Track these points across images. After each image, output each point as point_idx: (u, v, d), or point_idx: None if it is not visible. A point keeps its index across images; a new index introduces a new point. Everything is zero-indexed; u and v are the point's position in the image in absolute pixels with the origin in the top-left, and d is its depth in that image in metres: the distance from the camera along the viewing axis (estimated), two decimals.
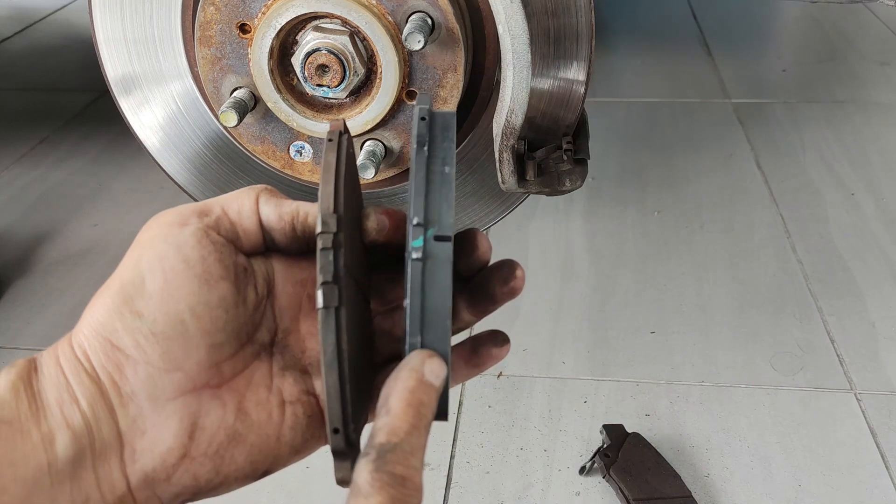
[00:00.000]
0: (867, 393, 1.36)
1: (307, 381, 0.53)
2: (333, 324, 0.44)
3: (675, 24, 3.03)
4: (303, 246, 0.52)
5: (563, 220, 1.84)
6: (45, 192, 2.03)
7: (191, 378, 0.48)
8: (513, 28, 0.88)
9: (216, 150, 1.13)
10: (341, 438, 0.45)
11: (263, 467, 0.51)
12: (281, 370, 0.53)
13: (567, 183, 0.99)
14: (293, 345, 0.54)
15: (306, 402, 0.52)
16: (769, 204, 1.88)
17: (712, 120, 2.29)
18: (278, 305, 0.53)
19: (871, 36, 2.85)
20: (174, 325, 0.47)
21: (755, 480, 1.21)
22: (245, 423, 0.50)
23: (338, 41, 0.91)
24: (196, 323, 0.48)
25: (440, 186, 0.48)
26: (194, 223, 0.50)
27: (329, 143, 0.51)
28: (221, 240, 0.50)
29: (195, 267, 0.48)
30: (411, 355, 0.46)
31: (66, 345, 0.48)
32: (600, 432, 1.25)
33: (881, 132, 2.20)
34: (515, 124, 0.94)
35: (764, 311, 1.55)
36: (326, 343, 0.44)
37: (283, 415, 0.51)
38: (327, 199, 0.47)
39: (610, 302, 1.59)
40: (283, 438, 0.51)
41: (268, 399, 0.51)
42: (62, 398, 0.46)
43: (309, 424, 0.52)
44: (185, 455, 0.48)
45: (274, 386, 0.52)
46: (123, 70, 1.08)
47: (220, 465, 0.49)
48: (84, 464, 0.46)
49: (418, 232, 0.46)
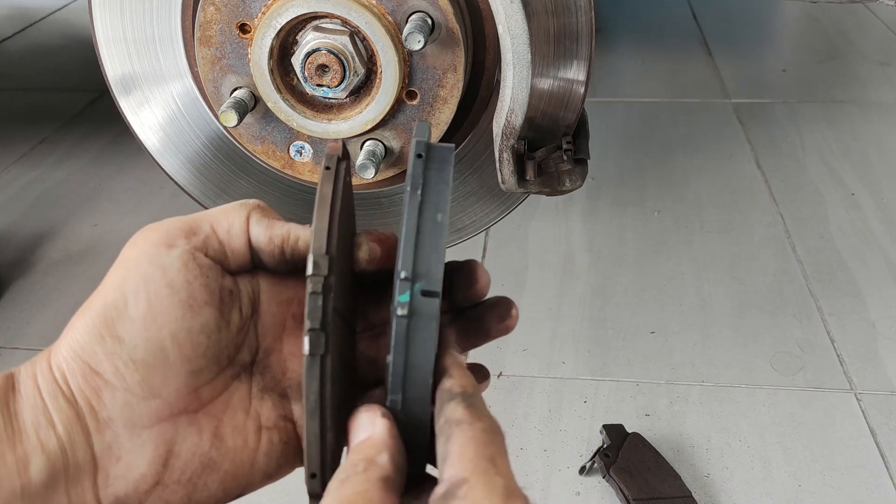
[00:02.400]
0: (867, 393, 1.36)
1: (286, 405, 0.52)
2: (318, 372, 0.44)
3: (675, 24, 3.03)
4: (290, 268, 0.51)
5: (563, 220, 1.84)
6: (45, 192, 2.03)
7: (169, 405, 0.48)
8: (513, 28, 0.88)
9: (216, 150, 1.13)
10: (318, 483, 0.45)
11: (236, 493, 0.51)
12: (260, 392, 0.52)
13: (567, 183, 0.99)
14: (274, 365, 0.53)
15: (283, 428, 0.52)
16: (769, 204, 1.88)
17: (712, 120, 2.29)
18: (262, 324, 0.52)
19: (871, 36, 2.85)
20: (154, 353, 0.46)
21: (755, 480, 1.21)
22: (220, 451, 0.49)
23: (338, 41, 0.91)
24: (177, 350, 0.47)
25: (431, 237, 0.46)
26: (181, 245, 0.48)
27: (326, 172, 0.50)
28: (208, 262, 0.49)
29: (180, 293, 0.47)
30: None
31: (44, 364, 0.47)
32: (600, 432, 1.25)
33: (881, 132, 2.20)
34: (515, 124, 0.94)
35: (764, 311, 1.55)
36: (310, 391, 0.44)
37: (259, 441, 0.51)
38: (320, 237, 0.46)
39: (610, 302, 1.59)
40: (257, 465, 0.51)
41: (245, 424, 0.51)
42: (38, 421, 0.46)
43: (284, 451, 0.52)
44: (159, 482, 0.48)
45: (252, 409, 0.51)
46: (123, 70, 1.08)
47: (193, 492, 0.49)
48: (57, 487, 0.45)
49: (405, 286, 0.45)
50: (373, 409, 0.46)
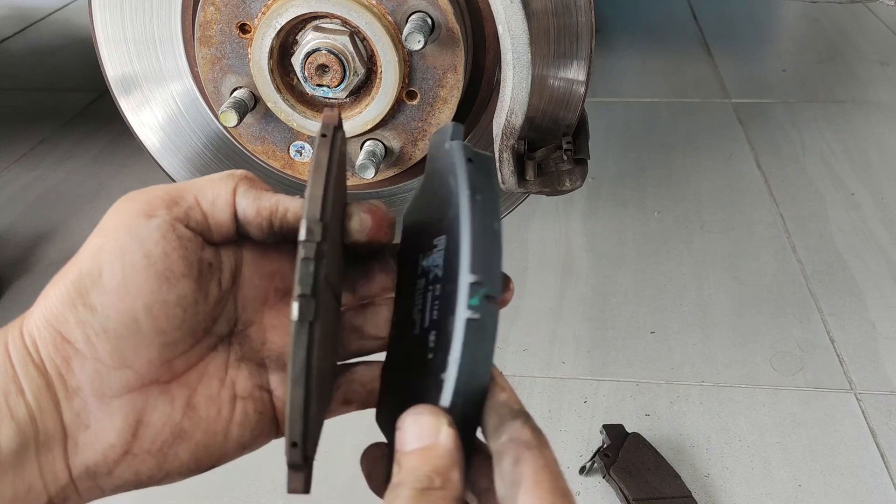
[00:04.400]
0: (867, 393, 1.36)
1: (262, 375, 0.52)
2: (306, 339, 0.43)
3: (675, 24, 3.03)
4: (278, 239, 0.51)
5: (563, 220, 1.84)
6: (45, 192, 2.03)
7: (140, 376, 0.47)
8: (513, 28, 0.88)
9: (216, 150, 1.13)
10: (298, 453, 0.44)
11: (208, 464, 0.50)
12: (237, 361, 0.51)
13: (567, 183, 0.99)
14: (253, 336, 0.53)
15: (258, 398, 0.51)
16: (769, 204, 1.88)
17: (712, 120, 2.29)
18: (242, 296, 0.52)
19: (871, 36, 2.85)
20: (127, 324, 0.46)
21: (755, 480, 1.21)
22: (192, 421, 0.49)
23: (338, 41, 0.91)
24: (151, 321, 0.46)
25: (492, 244, 0.45)
26: (161, 215, 0.48)
27: (322, 140, 0.49)
28: (189, 234, 0.48)
29: (156, 264, 0.46)
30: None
31: (16, 332, 0.47)
32: (600, 432, 1.25)
33: (881, 132, 2.20)
34: (515, 124, 0.94)
35: (764, 311, 1.55)
36: (296, 358, 0.43)
37: (234, 411, 0.50)
38: (315, 203, 0.45)
39: (610, 302, 1.59)
40: (231, 435, 0.50)
41: (219, 394, 0.50)
42: (8, 389, 0.45)
43: (259, 422, 0.51)
44: (128, 452, 0.47)
45: (227, 379, 0.51)
46: (123, 70, 1.08)
47: (163, 461, 0.49)
48: (27, 455, 0.45)
49: (476, 290, 0.44)
50: (436, 413, 0.43)
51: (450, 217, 0.47)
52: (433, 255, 0.49)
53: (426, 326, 0.47)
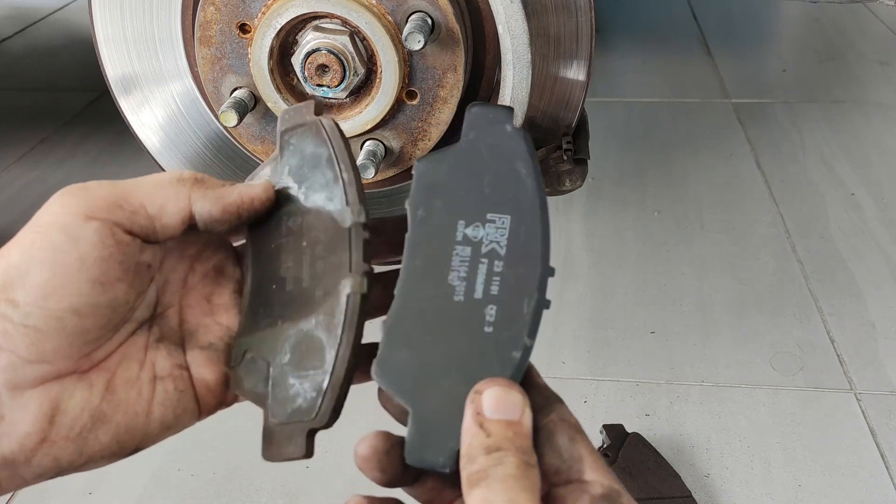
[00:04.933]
0: (867, 393, 1.36)
1: (180, 354, 0.53)
2: (359, 310, 0.49)
3: (675, 24, 3.03)
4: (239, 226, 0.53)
5: (563, 220, 1.84)
6: (45, 192, 2.01)
7: (56, 369, 0.47)
8: (513, 28, 0.88)
9: (216, 150, 1.13)
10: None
11: (132, 445, 0.50)
12: (156, 342, 0.52)
13: (567, 183, 0.99)
14: (172, 317, 0.53)
15: (178, 377, 0.52)
16: (769, 204, 1.88)
17: (712, 120, 2.29)
18: (164, 281, 0.53)
19: (871, 36, 2.85)
20: (50, 322, 0.45)
21: (755, 480, 1.21)
22: (111, 403, 0.49)
23: (338, 41, 0.91)
24: (77, 321, 0.46)
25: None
26: (102, 218, 0.47)
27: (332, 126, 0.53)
28: (128, 238, 0.48)
29: (91, 269, 0.46)
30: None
31: None
32: (600, 432, 1.25)
33: (881, 132, 2.20)
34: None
35: (764, 311, 1.55)
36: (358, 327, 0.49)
37: (154, 391, 0.51)
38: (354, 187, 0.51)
39: (610, 302, 1.59)
40: (153, 415, 0.51)
41: (139, 375, 0.50)
42: None
43: (180, 400, 0.52)
44: (45, 440, 0.47)
45: (147, 360, 0.51)
46: (123, 70, 1.08)
47: (83, 446, 0.48)
48: None
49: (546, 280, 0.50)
50: (522, 393, 0.46)
51: (517, 201, 0.51)
52: (487, 229, 0.50)
53: (478, 298, 0.49)
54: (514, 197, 0.51)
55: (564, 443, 0.46)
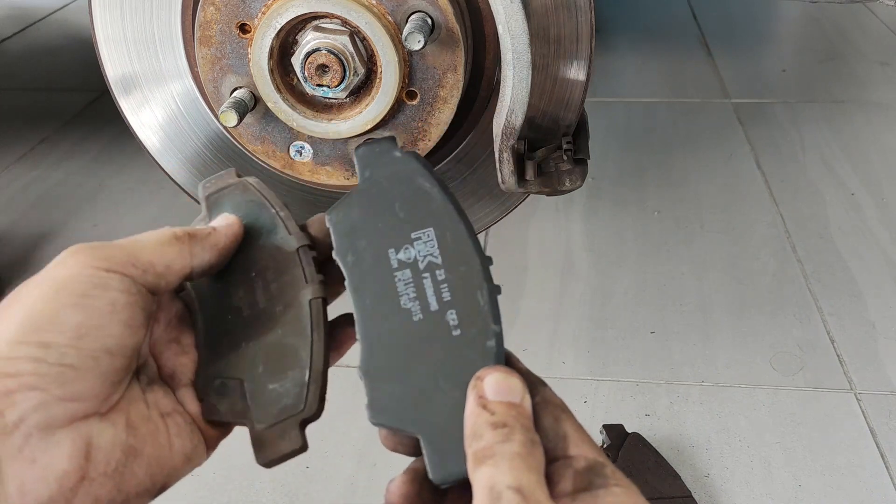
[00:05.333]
0: (867, 393, 1.36)
1: (171, 395, 0.55)
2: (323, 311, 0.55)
3: (675, 24, 3.03)
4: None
5: (563, 220, 1.84)
6: (45, 192, 2.03)
7: (84, 408, 0.48)
8: (513, 28, 0.88)
9: (216, 150, 1.13)
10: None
11: (161, 480, 0.51)
12: (148, 386, 0.54)
13: (567, 183, 0.99)
14: (150, 364, 0.56)
15: (181, 412, 0.54)
16: (769, 204, 1.88)
17: (712, 120, 2.29)
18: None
19: (871, 36, 2.85)
20: (85, 360, 0.47)
21: (755, 480, 1.21)
22: (138, 438, 0.50)
23: (338, 41, 0.91)
24: (109, 361, 0.48)
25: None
26: (122, 272, 0.50)
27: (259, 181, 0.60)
28: (145, 290, 0.52)
29: (120, 313, 0.49)
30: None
31: None
32: (600, 432, 1.25)
33: (881, 132, 2.20)
34: (515, 124, 0.93)
35: (764, 311, 1.55)
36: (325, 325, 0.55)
37: (167, 425, 0.53)
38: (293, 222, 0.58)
39: (610, 302, 1.59)
40: (175, 447, 0.52)
41: (149, 414, 0.52)
42: None
43: (192, 431, 0.54)
44: (84, 477, 0.47)
45: (149, 401, 0.53)
46: (123, 70, 1.08)
47: (121, 482, 0.48)
48: None
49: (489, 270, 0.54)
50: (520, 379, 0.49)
51: (431, 212, 0.54)
52: (417, 247, 0.53)
53: (435, 309, 0.51)
54: (427, 210, 0.54)
55: (550, 423, 0.48)
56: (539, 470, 0.43)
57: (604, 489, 0.44)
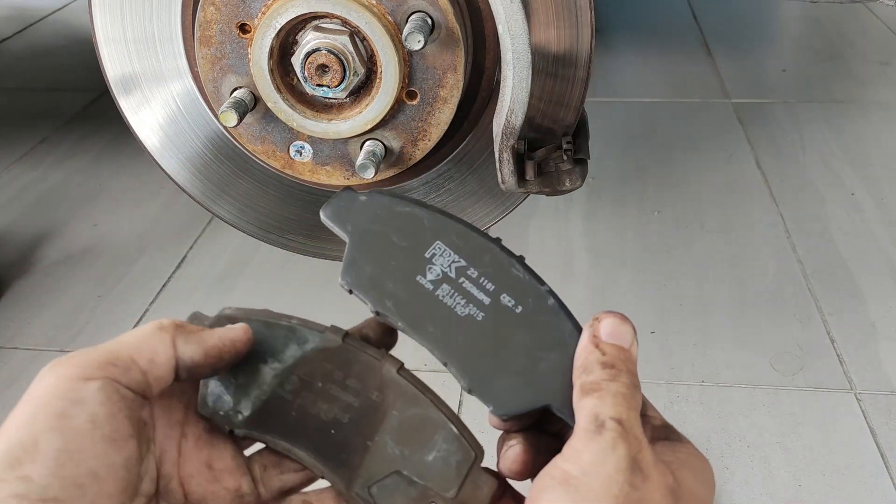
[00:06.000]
0: (867, 393, 1.36)
1: None
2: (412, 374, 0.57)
3: (675, 24, 3.03)
4: (219, 370, 0.52)
5: (563, 220, 1.84)
6: (45, 192, 2.03)
7: None
8: (513, 28, 0.88)
9: (216, 150, 1.13)
10: None
11: None
12: None
13: (567, 183, 0.99)
14: (175, 489, 0.51)
15: None
16: (769, 204, 1.88)
17: (712, 120, 2.29)
18: (158, 450, 0.51)
19: (871, 36, 2.85)
20: (69, 490, 0.43)
21: (755, 480, 1.21)
22: None
23: (338, 41, 0.91)
24: (97, 486, 0.44)
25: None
26: (100, 376, 0.46)
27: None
28: (130, 393, 0.47)
29: (102, 427, 0.45)
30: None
31: None
32: None
33: (881, 132, 2.20)
34: (515, 124, 0.93)
35: (764, 311, 1.55)
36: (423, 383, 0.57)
37: None
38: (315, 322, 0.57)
39: (610, 302, 1.59)
40: None
41: None
42: None
43: None
44: None
45: None
46: (123, 70, 1.08)
47: None
48: None
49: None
50: (633, 327, 0.52)
51: (428, 227, 0.56)
52: (438, 261, 0.56)
53: (489, 302, 0.54)
54: (422, 229, 0.57)
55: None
56: (638, 410, 0.47)
57: (679, 443, 0.51)
